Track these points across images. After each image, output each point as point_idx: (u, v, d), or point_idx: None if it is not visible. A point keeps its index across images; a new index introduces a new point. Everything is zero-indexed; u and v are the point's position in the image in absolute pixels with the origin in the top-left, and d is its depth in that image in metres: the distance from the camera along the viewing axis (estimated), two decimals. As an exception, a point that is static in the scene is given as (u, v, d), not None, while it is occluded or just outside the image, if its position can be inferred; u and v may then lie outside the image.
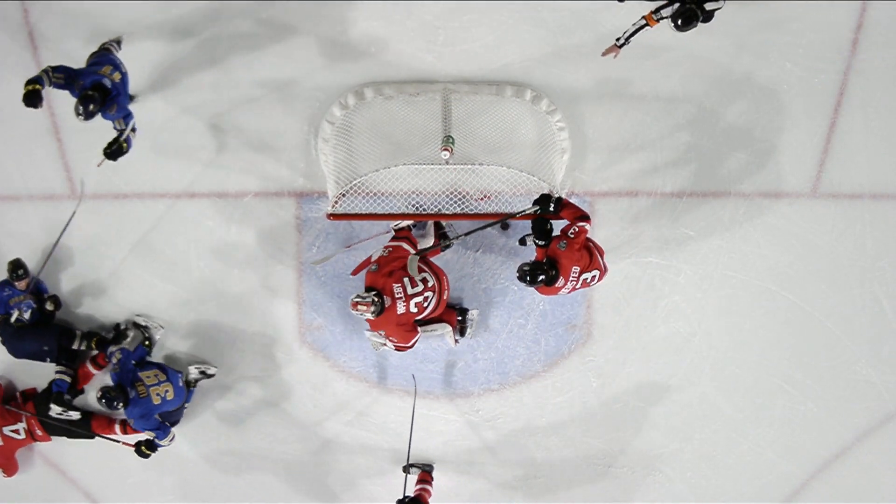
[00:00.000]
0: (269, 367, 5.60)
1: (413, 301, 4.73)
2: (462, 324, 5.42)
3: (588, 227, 4.58)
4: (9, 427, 5.35)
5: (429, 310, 4.88)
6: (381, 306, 4.62)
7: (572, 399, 5.68)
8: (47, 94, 5.06)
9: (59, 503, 5.80)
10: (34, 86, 4.33)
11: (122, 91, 4.57)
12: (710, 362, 5.62)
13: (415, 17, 5.05)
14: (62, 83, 4.44)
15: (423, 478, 5.50)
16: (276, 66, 5.13)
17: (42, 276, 5.29)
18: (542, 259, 4.56)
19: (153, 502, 5.83)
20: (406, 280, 4.71)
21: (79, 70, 4.51)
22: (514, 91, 5.12)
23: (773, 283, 5.50)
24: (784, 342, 5.59)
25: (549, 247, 4.56)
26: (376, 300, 4.60)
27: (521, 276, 4.51)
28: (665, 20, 4.28)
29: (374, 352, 5.43)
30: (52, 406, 5.26)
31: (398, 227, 5.14)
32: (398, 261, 4.76)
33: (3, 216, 5.35)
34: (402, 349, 4.95)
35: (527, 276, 4.48)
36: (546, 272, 4.47)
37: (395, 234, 5.11)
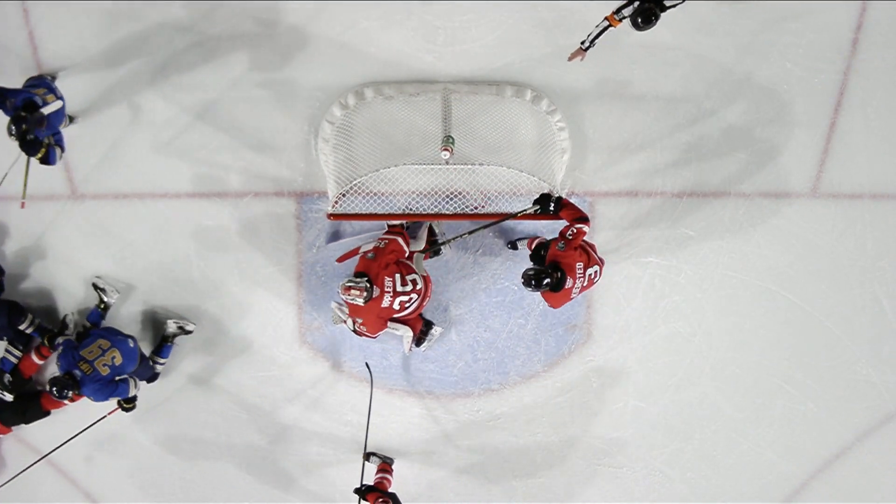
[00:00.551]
0: (269, 367, 5.60)
1: (399, 299, 4.77)
2: (423, 335, 5.40)
3: (587, 228, 4.57)
4: None
5: (408, 311, 4.92)
6: (371, 294, 4.65)
7: (572, 399, 5.68)
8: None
9: (59, 503, 5.80)
10: None
11: (55, 113, 4.64)
12: (710, 362, 5.63)
13: (415, 17, 5.05)
14: None
15: (383, 468, 5.52)
16: (276, 66, 5.13)
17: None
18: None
19: (153, 502, 5.82)
20: (398, 276, 4.74)
21: (12, 89, 4.57)
22: (514, 91, 5.12)
23: (773, 283, 5.51)
24: (784, 342, 5.59)
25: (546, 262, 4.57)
26: (368, 287, 4.62)
27: (526, 282, 4.47)
28: (627, 19, 4.27)
29: (332, 325, 5.41)
30: None
31: (393, 223, 5.16)
32: (393, 254, 4.78)
33: (2, 216, 5.35)
34: (361, 335, 4.95)
35: (532, 281, 4.44)
36: (551, 275, 4.46)
37: (389, 228, 5.12)
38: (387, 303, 4.73)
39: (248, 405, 5.64)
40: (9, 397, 5.38)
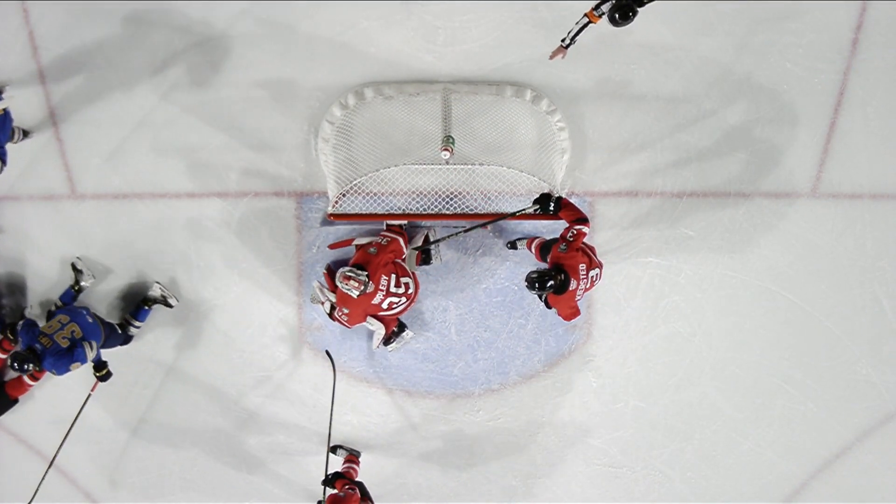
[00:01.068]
0: (269, 368, 5.60)
1: (389, 299, 4.81)
2: (394, 335, 5.39)
3: (586, 230, 4.58)
4: None
5: (394, 312, 4.97)
6: (366, 289, 4.67)
7: (572, 399, 5.69)
8: (46, 91, 5.11)
9: (59, 503, 5.80)
10: None
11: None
12: (710, 362, 5.63)
13: (415, 17, 5.05)
14: None
15: (350, 459, 5.53)
16: (276, 66, 5.13)
17: None
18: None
19: (153, 502, 5.83)
20: (394, 276, 4.77)
21: None
22: (514, 91, 5.12)
23: (773, 283, 5.51)
24: (784, 342, 5.59)
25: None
26: (366, 281, 4.64)
27: (530, 284, 4.48)
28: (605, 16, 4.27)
29: (310, 303, 5.41)
30: None
31: (391, 223, 5.18)
32: (393, 254, 4.83)
33: (3, 216, 5.35)
34: (336, 321, 4.95)
35: (535, 283, 4.45)
36: (554, 277, 4.46)
37: (389, 227, 5.12)
38: (378, 300, 4.77)
39: (249, 405, 5.65)
40: None
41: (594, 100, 5.20)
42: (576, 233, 4.55)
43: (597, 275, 4.71)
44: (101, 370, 5.16)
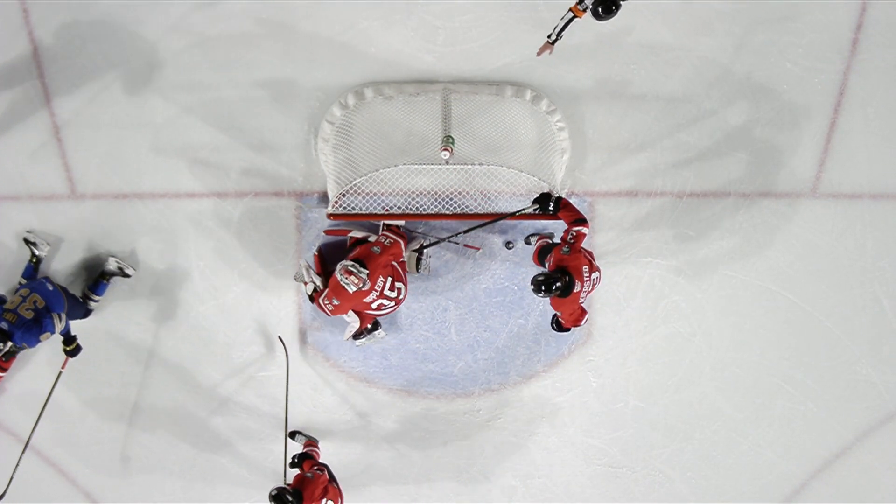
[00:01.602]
0: (269, 368, 5.60)
1: (380, 301, 4.84)
2: (366, 332, 5.36)
3: (585, 230, 4.60)
4: None
5: (379, 313, 5.00)
6: (362, 287, 4.69)
7: (572, 399, 5.69)
8: (46, 91, 5.11)
9: (59, 503, 5.80)
10: None
11: None
12: (710, 362, 5.63)
13: (415, 17, 5.05)
14: None
15: (310, 444, 5.54)
16: (276, 66, 5.13)
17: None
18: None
19: (154, 502, 5.83)
20: (390, 279, 4.79)
21: None
22: (514, 91, 5.12)
23: (773, 283, 5.51)
24: (784, 342, 5.59)
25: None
26: (365, 280, 4.65)
27: (536, 288, 4.48)
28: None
29: (294, 280, 5.39)
30: None
31: (390, 223, 5.19)
32: (393, 256, 4.85)
33: (3, 216, 5.35)
34: (316, 304, 4.94)
35: (542, 287, 4.46)
36: (561, 279, 4.47)
37: (388, 228, 5.14)
38: (370, 299, 4.79)
39: (249, 405, 5.65)
40: None
41: (594, 100, 5.20)
42: (576, 234, 4.56)
43: (597, 277, 4.73)
44: (71, 344, 5.15)
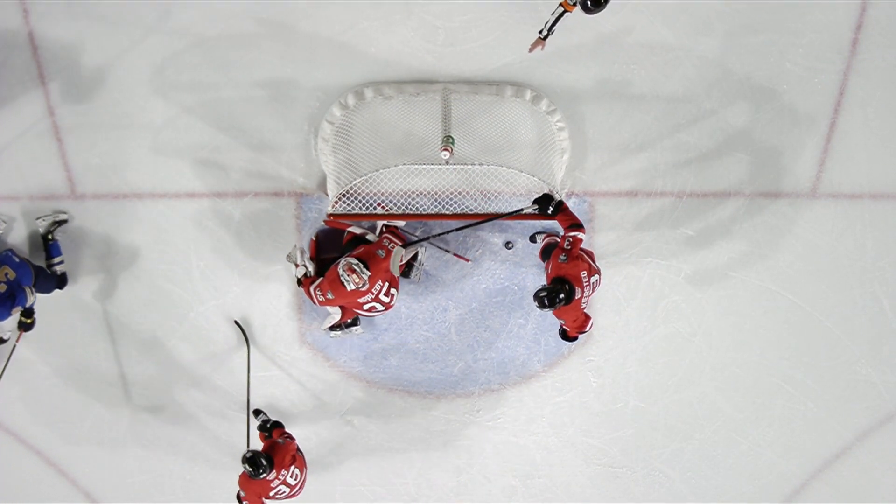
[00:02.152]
0: (269, 368, 5.61)
1: (373, 303, 4.83)
2: (344, 326, 5.38)
3: (582, 236, 4.60)
4: None
5: (369, 315, 4.99)
6: (361, 287, 4.69)
7: (572, 399, 5.69)
8: (46, 91, 5.11)
9: (59, 503, 5.80)
10: None
11: None
12: (710, 362, 5.63)
13: (415, 17, 5.05)
14: None
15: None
16: (276, 66, 5.12)
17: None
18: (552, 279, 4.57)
19: (154, 502, 5.83)
20: (387, 284, 4.80)
21: None
22: (514, 91, 5.12)
23: (773, 283, 5.51)
24: (784, 342, 5.59)
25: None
26: (365, 281, 4.66)
27: (540, 304, 4.48)
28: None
29: (285, 260, 5.32)
30: None
31: (390, 223, 5.19)
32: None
33: (2, 216, 5.35)
34: (306, 292, 4.93)
35: (545, 302, 4.46)
36: (562, 290, 4.47)
37: (388, 229, 5.14)
38: (364, 300, 4.79)
39: (244, 408, 5.64)
40: None
41: (594, 100, 5.19)
42: (572, 240, 4.57)
43: (597, 280, 4.72)
44: (30, 317, 5.17)
